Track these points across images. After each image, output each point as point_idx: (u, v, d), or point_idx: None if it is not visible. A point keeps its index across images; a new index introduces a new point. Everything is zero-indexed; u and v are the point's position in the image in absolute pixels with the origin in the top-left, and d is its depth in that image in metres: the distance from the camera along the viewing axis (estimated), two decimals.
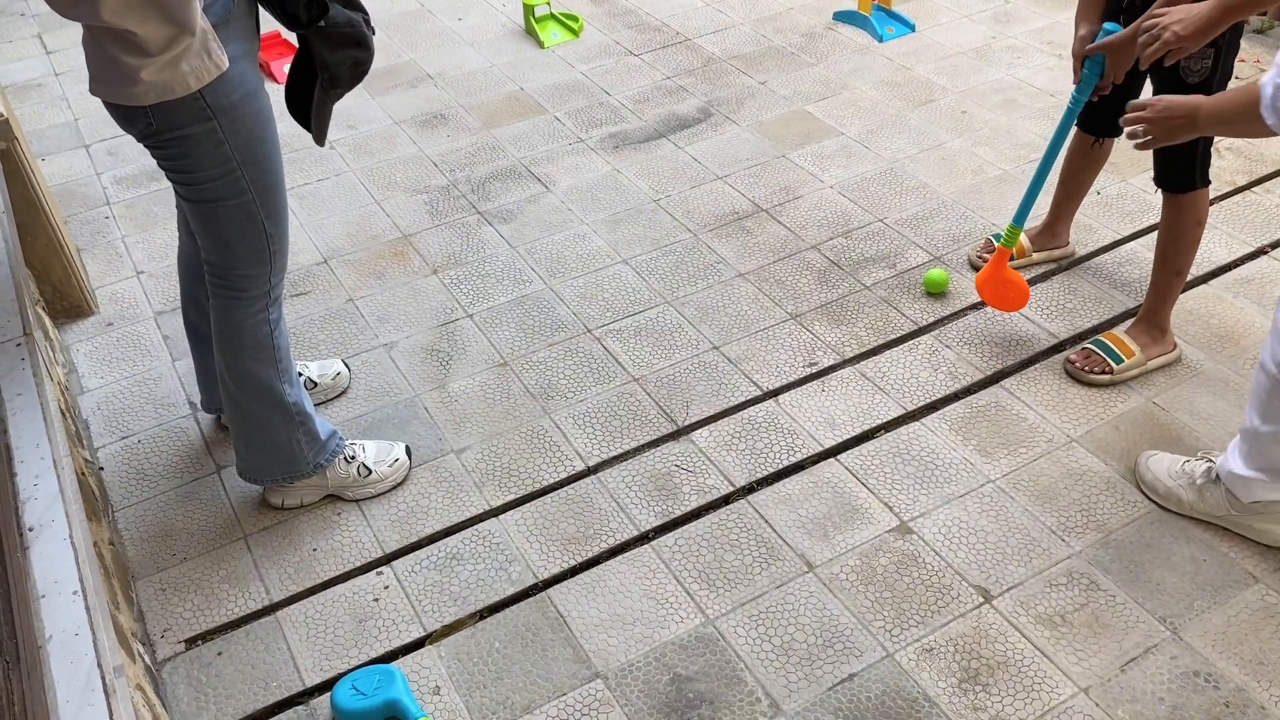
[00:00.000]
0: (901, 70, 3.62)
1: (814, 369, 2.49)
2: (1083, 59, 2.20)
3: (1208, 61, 2.08)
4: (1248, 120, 1.59)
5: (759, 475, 2.22)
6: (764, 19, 4.00)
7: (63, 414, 2.18)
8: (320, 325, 2.68)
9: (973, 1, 3.99)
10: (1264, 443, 1.92)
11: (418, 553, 2.10)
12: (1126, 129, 1.88)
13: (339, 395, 2.47)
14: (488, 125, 3.47)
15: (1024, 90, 3.44)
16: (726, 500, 2.17)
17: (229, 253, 1.88)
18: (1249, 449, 1.95)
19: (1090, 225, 2.85)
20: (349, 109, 3.54)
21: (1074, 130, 2.50)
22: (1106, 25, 2.18)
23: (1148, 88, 2.30)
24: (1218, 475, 2.00)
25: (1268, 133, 1.57)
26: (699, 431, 2.33)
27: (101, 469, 2.31)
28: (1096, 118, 2.44)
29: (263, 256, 1.89)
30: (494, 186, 3.17)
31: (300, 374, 2.38)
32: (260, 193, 1.81)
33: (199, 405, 2.39)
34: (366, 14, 1.84)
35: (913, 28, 3.83)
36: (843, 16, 3.93)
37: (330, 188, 3.20)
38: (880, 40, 3.78)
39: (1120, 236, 2.82)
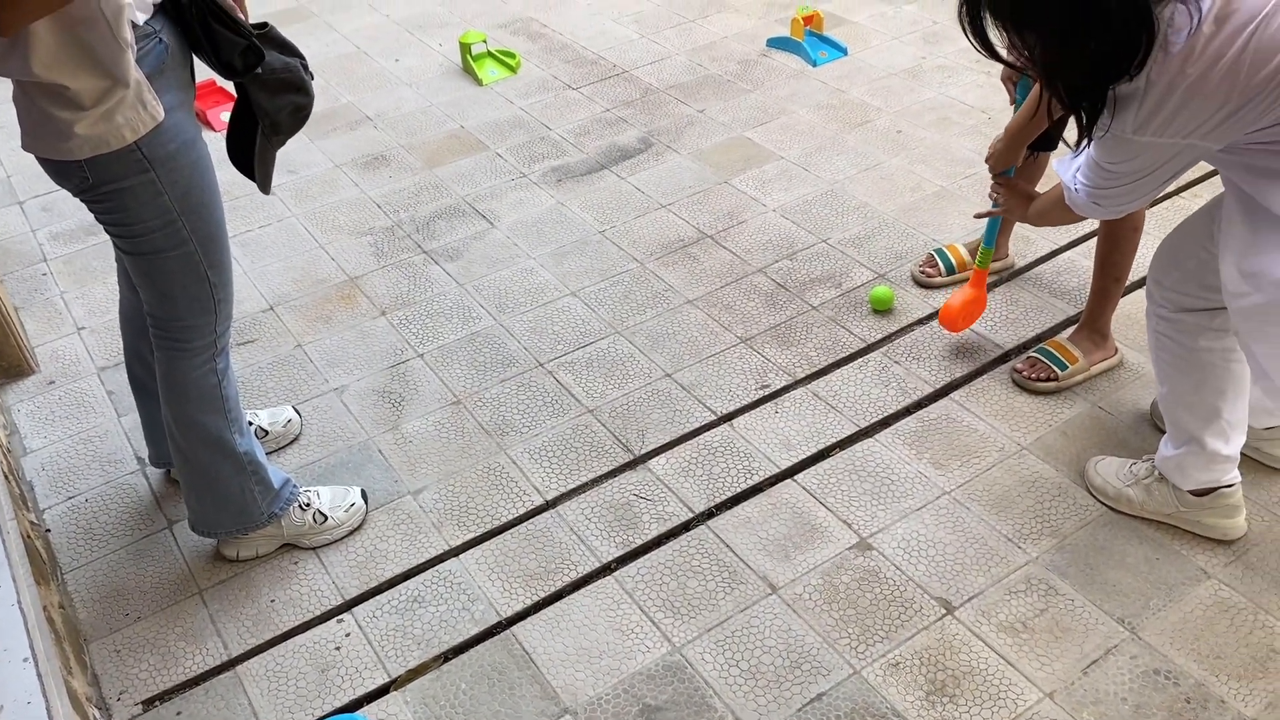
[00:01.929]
0: (836, 93, 3.68)
1: (767, 391, 2.50)
2: (1014, 81, 2.27)
3: None
4: (1065, 211, 1.90)
5: (718, 500, 2.23)
6: (699, 48, 4.05)
7: (5, 477, 2.13)
8: (269, 372, 2.65)
9: (902, 23, 4.07)
10: (1170, 409, 1.99)
11: (378, 598, 2.07)
12: (989, 193, 2.29)
13: (291, 442, 2.44)
14: (429, 164, 3.47)
15: (956, 108, 3.52)
16: (686, 527, 2.18)
17: (172, 304, 1.86)
18: (1169, 426, 2.02)
19: (1028, 236, 2.91)
20: (289, 154, 3.52)
21: None
22: None
23: None
24: (1161, 473, 2.05)
25: (1080, 218, 1.92)
26: (656, 459, 2.33)
27: (48, 531, 2.26)
28: None
29: (207, 306, 1.87)
30: (439, 225, 3.17)
31: (250, 423, 2.35)
32: (201, 242, 1.80)
33: (147, 460, 2.35)
34: (304, 59, 1.84)
35: (845, 51, 3.90)
36: (776, 43, 3.99)
37: (273, 234, 3.18)
38: (814, 65, 3.84)
39: (1058, 246, 2.88)
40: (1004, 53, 1.61)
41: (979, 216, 2.41)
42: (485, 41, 4.00)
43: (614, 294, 2.85)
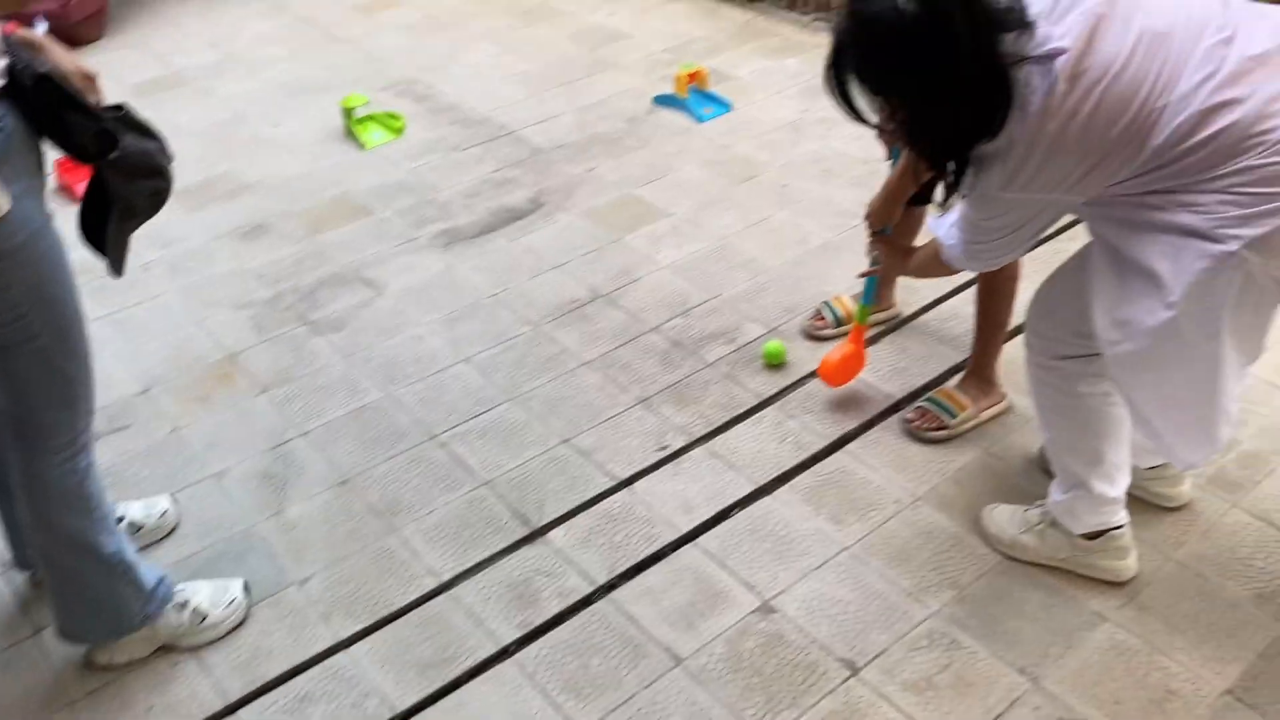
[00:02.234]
0: (723, 149, 3.72)
1: (665, 452, 2.47)
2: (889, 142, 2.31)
3: None
4: (943, 265, 1.95)
5: (619, 570, 2.18)
6: (586, 107, 4.06)
7: None
8: (143, 460, 2.52)
9: (783, 78, 4.15)
10: (1056, 454, 2.03)
11: (264, 698, 1.96)
12: (867, 250, 2.34)
13: (167, 535, 2.31)
14: (312, 232, 3.38)
15: (839, 160, 3.58)
16: (588, 601, 2.12)
17: (26, 401, 1.74)
18: (1056, 471, 2.06)
19: (913, 285, 2.96)
20: (163, 227, 3.38)
21: None
22: None
23: None
24: (1053, 518, 2.08)
25: (953, 271, 1.98)
26: (555, 531, 2.28)
27: None
28: None
29: (65, 402, 1.76)
30: (323, 295, 3.08)
31: (121, 518, 2.23)
32: (55, 334, 1.69)
33: (9, 563, 2.20)
34: (162, 141, 1.76)
35: (730, 107, 3.95)
36: (662, 100, 4.02)
37: (147, 312, 3.04)
38: (700, 121, 3.88)
39: (942, 294, 2.93)
40: (870, 116, 1.64)
41: (862, 275, 2.44)
42: (368, 104, 3.93)
43: (507, 359, 2.80)
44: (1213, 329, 1.61)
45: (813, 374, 2.68)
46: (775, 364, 2.72)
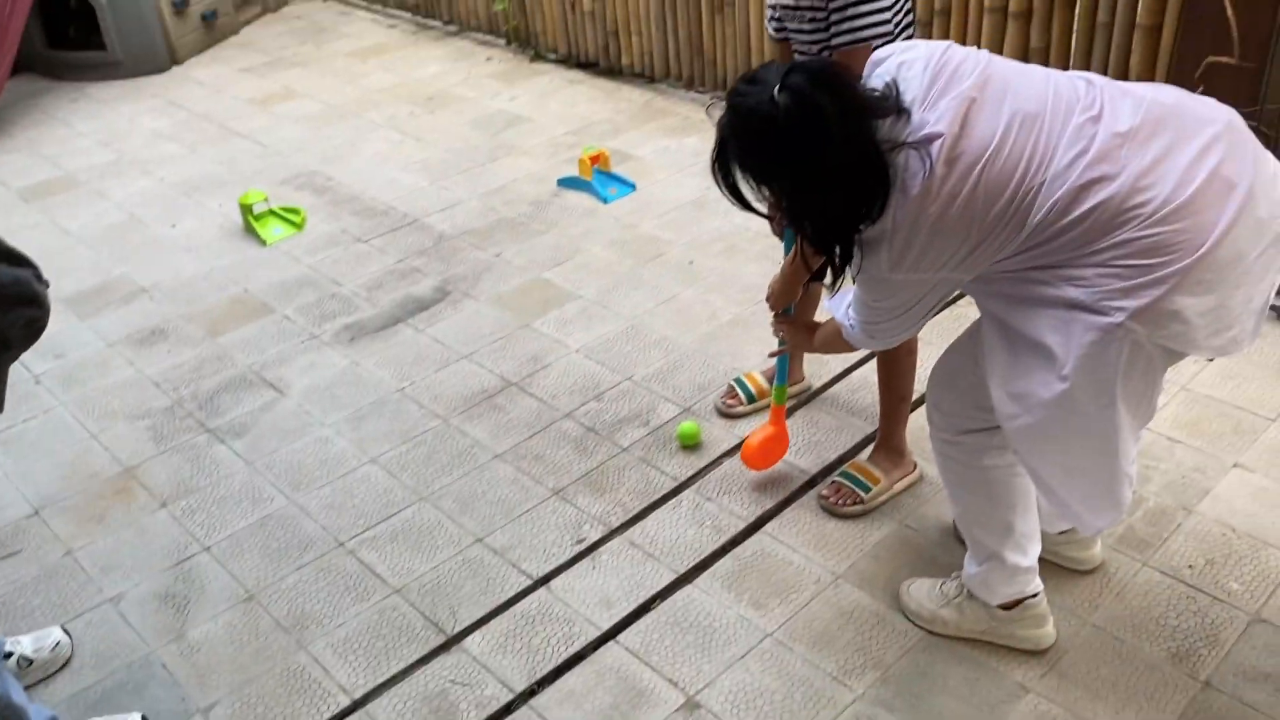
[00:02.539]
0: (628, 228, 3.74)
1: (583, 545, 2.43)
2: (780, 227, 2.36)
3: None
4: (843, 342, 1.95)
5: (539, 674, 2.11)
6: (490, 192, 4.06)
7: None
8: (34, 589, 2.39)
9: (685, 157, 4.20)
10: (967, 527, 2.04)
11: None
12: (773, 330, 2.30)
13: (61, 668, 2.19)
14: (212, 334, 3.29)
15: (742, 235, 3.62)
16: (508, 709, 2.05)
17: None
18: (968, 544, 2.06)
19: (821, 358, 2.98)
20: (54, 337, 3.28)
21: None
22: None
23: None
24: (969, 591, 2.08)
25: (853, 348, 1.99)
26: (471, 637, 2.21)
27: None
28: None
29: None
30: (223, 399, 2.99)
31: (10, 653, 2.10)
32: None
33: None
34: (36, 268, 1.70)
35: (633, 187, 3.98)
36: (566, 182, 4.04)
37: (38, 428, 2.92)
38: (605, 202, 3.90)
39: (850, 364, 2.96)
40: (757, 204, 1.66)
41: (772, 355, 2.45)
42: (266, 200, 3.88)
43: (417, 456, 2.73)
44: (1107, 398, 1.64)
45: (729, 453, 2.67)
46: (690, 445, 2.70)
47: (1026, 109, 1.60)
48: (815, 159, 1.55)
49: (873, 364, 2.93)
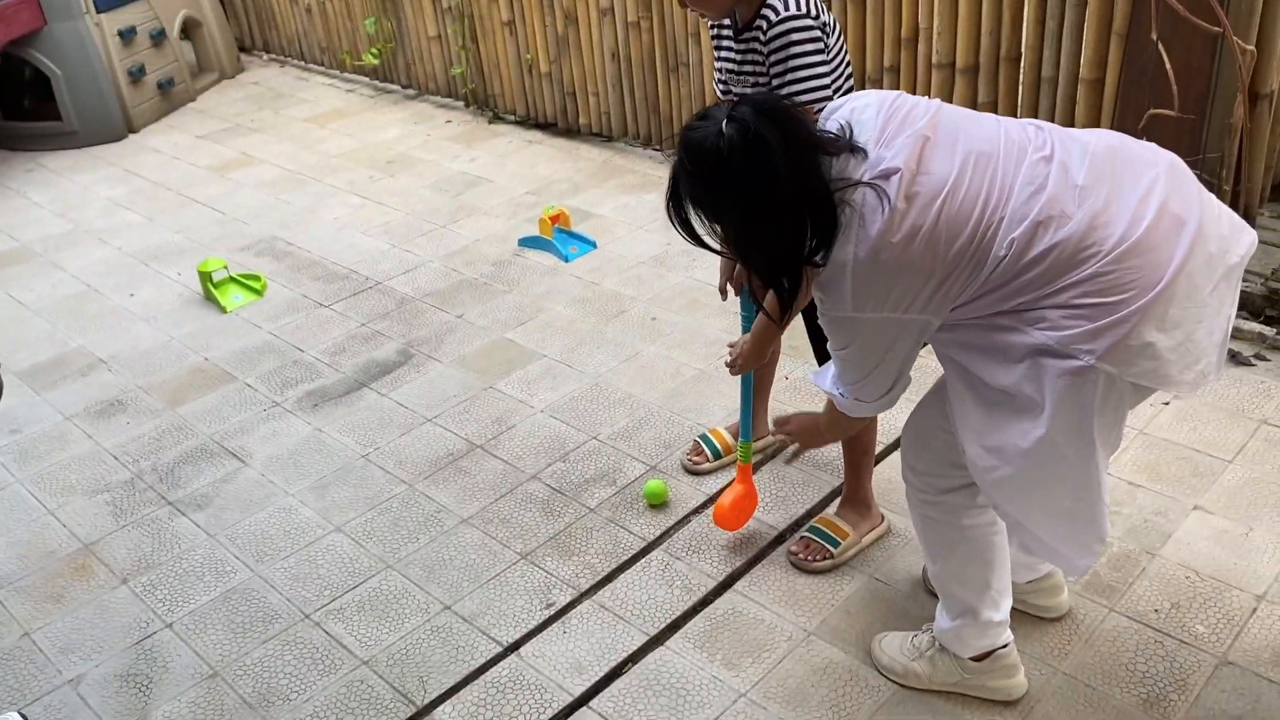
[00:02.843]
0: (590, 286, 3.76)
1: (552, 609, 2.41)
2: (736, 285, 2.40)
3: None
4: (849, 419, 1.93)
5: None
6: (452, 253, 4.07)
7: None
8: None
9: (644, 214, 4.25)
10: (943, 584, 2.03)
11: None
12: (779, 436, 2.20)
13: None
14: (172, 404, 3.25)
15: (703, 290, 3.65)
16: None
17: None
18: (942, 599, 2.06)
19: (785, 410, 2.98)
20: (10, 412, 3.23)
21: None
22: None
23: None
24: (941, 644, 2.08)
25: (862, 424, 2.03)
26: (441, 708, 2.17)
27: None
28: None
29: None
30: (184, 471, 2.95)
31: None
32: None
33: None
34: None
35: (594, 245, 4.01)
36: (527, 242, 4.06)
37: None
38: (566, 260, 3.93)
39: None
40: (710, 241, 1.69)
41: (789, 463, 2.49)
42: (226, 267, 3.86)
43: (382, 523, 2.71)
44: (1086, 437, 1.66)
45: (696, 511, 2.67)
46: (657, 503, 2.70)
47: (980, 149, 1.63)
48: (761, 190, 1.59)
49: None
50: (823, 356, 2.43)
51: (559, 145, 4.98)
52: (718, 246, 1.73)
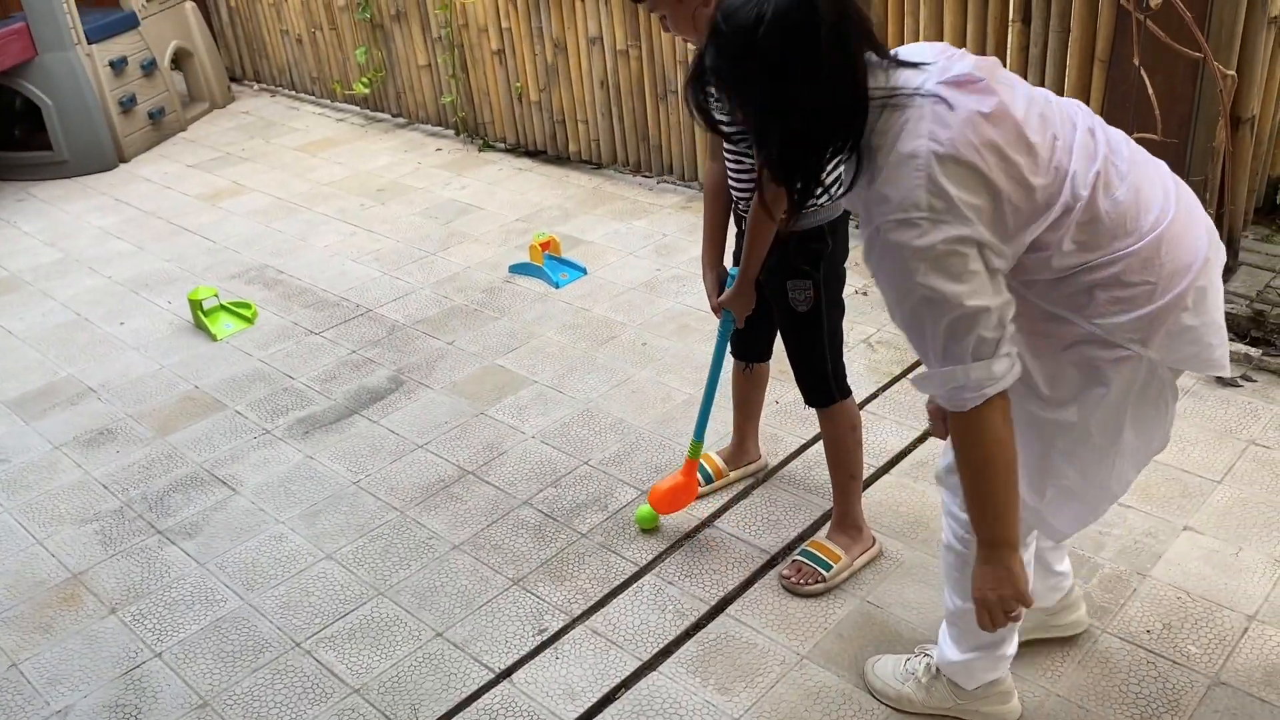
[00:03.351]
0: (581, 312, 3.77)
1: (544, 635, 2.40)
2: (717, 309, 2.41)
3: (809, 290, 2.30)
4: (977, 418, 1.58)
5: None
6: (442, 280, 4.08)
7: None
8: None
9: (634, 240, 4.27)
10: (969, 621, 2.00)
11: None
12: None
13: None
14: (162, 433, 3.24)
15: (694, 315, 3.66)
16: None
17: None
18: (957, 632, 2.03)
19: (776, 435, 3.01)
20: None
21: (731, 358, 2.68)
22: (731, 270, 2.38)
23: None
24: (938, 669, 2.07)
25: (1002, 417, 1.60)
26: None
27: None
28: (744, 346, 2.65)
29: None
30: (174, 499, 2.93)
31: None
32: None
33: None
34: None
35: (585, 271, 4.02)
36: (518, 269, 4.07)
37: None
38: (557, 287, 3.94)
39: (805, 441, 2.99)
40: (723, 125, 1.63)
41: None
42: (217, 295, 3.86)
43: (373, 550, 2.70)
44: (1116, 424, 1.70)
45: (689, 535, 2.66)
46: (649, 528, 2.70)
47: (1041, 110, 1.55)
48: (797, 73, 1.43)
49: None
50: (807, 388, 2.44)
51: (549, 173, 5.00)
52: (732, 129, 1.60)
